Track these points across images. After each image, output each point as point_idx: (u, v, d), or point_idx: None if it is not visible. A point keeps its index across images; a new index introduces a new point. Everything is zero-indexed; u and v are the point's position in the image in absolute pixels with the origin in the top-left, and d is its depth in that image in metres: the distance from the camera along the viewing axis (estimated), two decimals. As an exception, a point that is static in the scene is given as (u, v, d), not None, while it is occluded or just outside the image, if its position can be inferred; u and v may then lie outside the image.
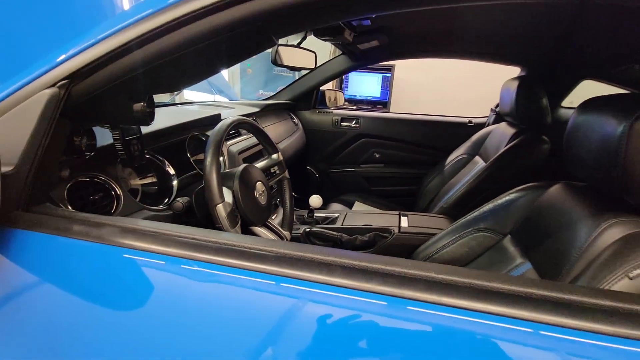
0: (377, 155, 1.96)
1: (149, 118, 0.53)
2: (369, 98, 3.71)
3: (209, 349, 0.35)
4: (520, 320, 0.31)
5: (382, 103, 3.77)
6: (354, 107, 3.23)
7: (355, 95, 3.62)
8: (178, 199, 0.77)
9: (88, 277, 0.41)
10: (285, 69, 4.15)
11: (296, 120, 1.93)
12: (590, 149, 0.61)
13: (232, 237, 0.41)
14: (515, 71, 1.65)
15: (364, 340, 0.33)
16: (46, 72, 0.43)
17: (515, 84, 1.26)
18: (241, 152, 1.16)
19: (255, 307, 0.36)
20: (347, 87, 3.70)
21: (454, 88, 3.75)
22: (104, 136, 0.66)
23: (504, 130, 1.40)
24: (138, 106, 0.50)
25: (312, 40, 1.56)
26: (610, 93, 0.68)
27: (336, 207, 1.62)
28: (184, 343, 0.36)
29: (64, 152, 0.51)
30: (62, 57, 0.43)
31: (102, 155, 0.65)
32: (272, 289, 0.36)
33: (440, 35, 1.48)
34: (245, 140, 1.27)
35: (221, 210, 0.66)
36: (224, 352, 0.35)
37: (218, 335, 0.36)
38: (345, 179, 1.98)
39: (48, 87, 0.43)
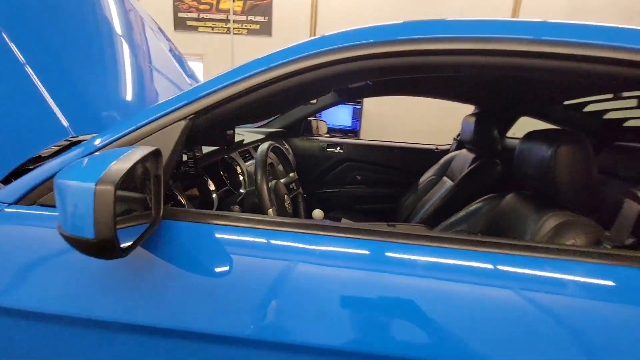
0: (359, 177, 2.22)
1: (233, 140, 0.72)
2: (341, 127, 4.04)
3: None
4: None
5: (353, 131, 4.13)
6: (328, 135, 3.52)
7: (329, 124, 3.93)
8: (232, 206, 0.94)
9: (220, 249, 0.58)
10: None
11: (287, 146, 2.15)
12: (531, 167, 0.89)
13: (327, 222, 0.61)
14: (466, 107, 2.03)
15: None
16: (181, 107, 0.62)
17: (473, 119, 1.60)
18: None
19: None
20: (320, 116, 4.00)
21: (416, 119, 4.23)
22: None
23: (466, 155, 1.73)
24: (230, 132, 0.69)
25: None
26: (540, 127, 0.99)
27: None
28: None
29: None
30: (192, 99, 0.62)
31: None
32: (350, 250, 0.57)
33: (414, 80, 1.81)
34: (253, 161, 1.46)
35: (272, 213, 0.84)
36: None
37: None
38: (332, 198, 2.21)
39: (182, 119, 0.61)
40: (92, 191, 0.40)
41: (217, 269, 0.56)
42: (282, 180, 1.11)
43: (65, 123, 0.88)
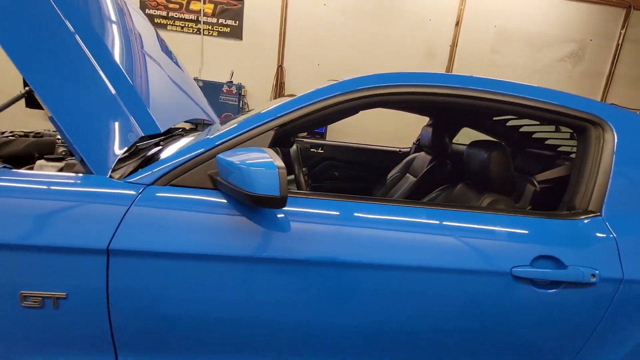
0: (337, 174, 2.62)
1: (294, 143, 1.05)
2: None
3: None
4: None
5: (319, 133, 4.55)
6: (309, 137, 3.88)
7: (299, 126, 4.31)
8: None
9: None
10: (230, 97, 4.56)
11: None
12: (474, 165, 1.36)
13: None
14: (413, 117, 2.53)
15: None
16: (271, 120, 0.94)
17: (431, 129, 2.08)
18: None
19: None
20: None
21: (374, 124, 4.76)
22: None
23: (424, 156, 2.21)
24: (292, 138, 1.02)
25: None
26: (475, 136, 1.47)
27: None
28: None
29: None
30: (278, 115, 0.95)
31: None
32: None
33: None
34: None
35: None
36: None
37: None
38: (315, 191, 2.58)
39: (270, 130, 0.94)
40: (276, 172, 0.72)
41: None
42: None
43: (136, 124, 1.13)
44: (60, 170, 1.15)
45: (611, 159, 0.98)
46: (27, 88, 1.15)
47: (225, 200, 0.89)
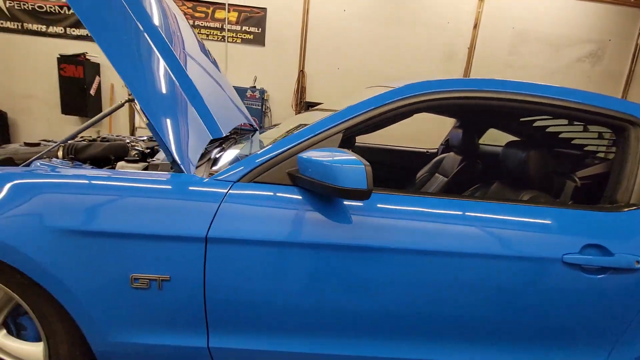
0: (366, 174, 2.72)
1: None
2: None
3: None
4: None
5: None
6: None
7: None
8: None
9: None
10: (254, 102, 4.72)
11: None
12: (513, 163, 1.44)
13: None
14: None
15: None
16: (340, 124, 1.06)
17: (461, 131, 2.17)
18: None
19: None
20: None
21: (395, 126, 4.83)
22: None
23: (454, 157, 2.30)
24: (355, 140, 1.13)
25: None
26: (504, 137, 1.57)
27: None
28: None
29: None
30: (345, 119, 1.06)
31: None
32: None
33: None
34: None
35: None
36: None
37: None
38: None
39: (339, 133, 1.05)
40: (364, 169, 0.84)
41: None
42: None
43: (218, 124, 1.26)
44: (145, 169, 1.29)
45: (650, 156, 1.07)
46: (129, 97, 1.28)
47: (301, 196, 1.00)
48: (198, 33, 4.77)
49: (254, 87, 4.85)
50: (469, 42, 4.86)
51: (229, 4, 4.69)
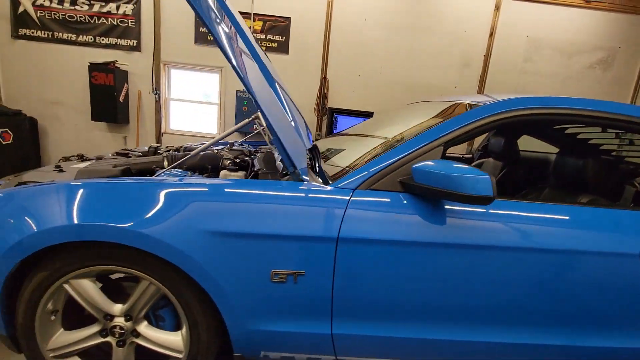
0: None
1: None
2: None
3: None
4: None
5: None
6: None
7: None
8: None
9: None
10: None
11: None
12: (569, 169, 1.61)
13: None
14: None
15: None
16: (441, 137, 1.21)
17: (502, 137, 2.34)
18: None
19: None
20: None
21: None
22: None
23: (494, 162, 2.47)
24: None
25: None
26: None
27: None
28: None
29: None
30: (445, 133, 1.21)
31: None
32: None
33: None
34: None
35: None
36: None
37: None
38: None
39: (440, 146, 1.21)
40: (489, 178, 0.99)
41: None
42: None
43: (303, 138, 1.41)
44: (254, 177, 1.44)
45: None
46: (257, 113, 1.41)
47: (414, 201, 1.16)
48: (224, 41, 4.93)
49: (279, 93, 5.00)
50: (485, 49, 5.05)
51: (254, 14, 4.85)
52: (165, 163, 1.57)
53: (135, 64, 4.93)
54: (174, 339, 1.21)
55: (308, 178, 1.20)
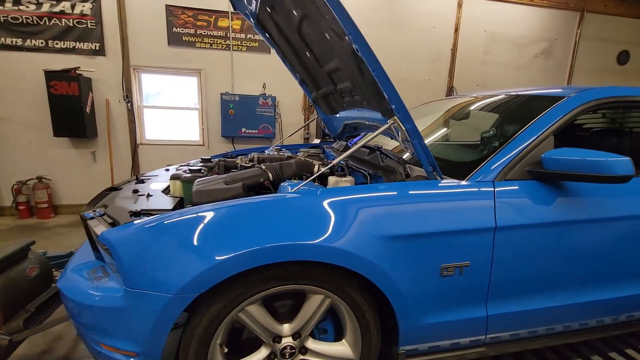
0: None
1: None
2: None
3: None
4: None
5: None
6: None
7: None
8: None
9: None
10: (267, 109, 4.79)
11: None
12: None
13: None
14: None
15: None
16: (547, 129, 1.36)
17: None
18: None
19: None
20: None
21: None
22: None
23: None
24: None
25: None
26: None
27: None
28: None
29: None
30: (550, 125, 1.36)
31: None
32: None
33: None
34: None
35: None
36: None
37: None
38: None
39: (550, 136, 1.36)
40: (630, 160, 1.14)
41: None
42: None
43: None
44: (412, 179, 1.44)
45: None
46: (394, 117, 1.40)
47: (544, 187, 1.29)
48: (200, 42, 4.66)
49: (265, 94, 4.89)
50: (452, 44, 5.49)
51: (231, 12, 4.65)
52: (270, 176, 1.51)
53: (100, 70, 4.43)
54: (342, 349, 1.21)
55: (442, 177, 1.27)
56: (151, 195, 1.43)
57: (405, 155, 1.53)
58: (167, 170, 2.01)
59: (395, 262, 1.10)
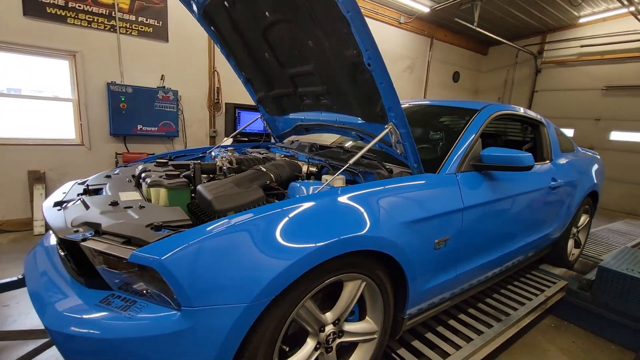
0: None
1: None
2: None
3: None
4: None
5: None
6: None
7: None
8: None
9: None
10: (168, 104, 4.42)
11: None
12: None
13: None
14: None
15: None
16: (477, 133, 1.83)
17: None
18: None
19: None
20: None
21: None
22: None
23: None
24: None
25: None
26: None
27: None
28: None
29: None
30: (478, 129, 1.84)
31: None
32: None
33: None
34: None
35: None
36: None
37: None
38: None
39: (479, 139, 1.83)
40: (532, 156, 1.66)
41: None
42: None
43: None
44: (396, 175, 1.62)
45: None
46: (391, 123, 1.54)
47: (485, 176, 1.75)
48: (75, 18, 3.80)
49: (164, 87, 4.37)
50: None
51: (118, -11, 3.97)
52: (273, 177, 1.48)
53: None
54: (368, 325, 1.35)
55: (423, 172, 1.58)
56: (143, 207, 1.22)
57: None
58: (84, 184, 1.63)
59: (409, 242, 1.32)
